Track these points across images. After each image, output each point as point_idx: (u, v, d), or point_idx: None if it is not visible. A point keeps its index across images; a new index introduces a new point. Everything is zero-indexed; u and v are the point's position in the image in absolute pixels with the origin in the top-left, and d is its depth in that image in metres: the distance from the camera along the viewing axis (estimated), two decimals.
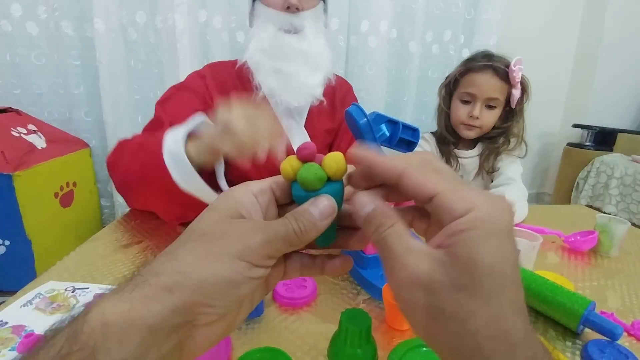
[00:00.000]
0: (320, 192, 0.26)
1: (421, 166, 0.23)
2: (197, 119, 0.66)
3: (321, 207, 0.25)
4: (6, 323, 0.45)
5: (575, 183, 1.98)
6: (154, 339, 0.20)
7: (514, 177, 1.02)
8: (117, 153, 0.75)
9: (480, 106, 1.01)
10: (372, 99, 1.77)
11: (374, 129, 0.44)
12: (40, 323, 0.45)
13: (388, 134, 0.45)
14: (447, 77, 1.10)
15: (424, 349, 0.42)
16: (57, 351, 0.18)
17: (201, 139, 0.63)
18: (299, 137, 0.92)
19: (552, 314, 0.49)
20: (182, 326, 0.22)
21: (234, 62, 0.90)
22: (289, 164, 0.26)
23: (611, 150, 1.96)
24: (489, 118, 1.03)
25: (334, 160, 0.26)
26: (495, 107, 1.02)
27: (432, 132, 1.17)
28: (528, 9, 2.02)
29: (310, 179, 0.25)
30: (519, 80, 0.98)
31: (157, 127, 0.79)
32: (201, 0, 1.58)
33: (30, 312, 0.48)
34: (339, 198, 0.26)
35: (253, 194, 0.26)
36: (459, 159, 1.11)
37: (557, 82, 2.18)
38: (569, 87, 2.22)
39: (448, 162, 1.10)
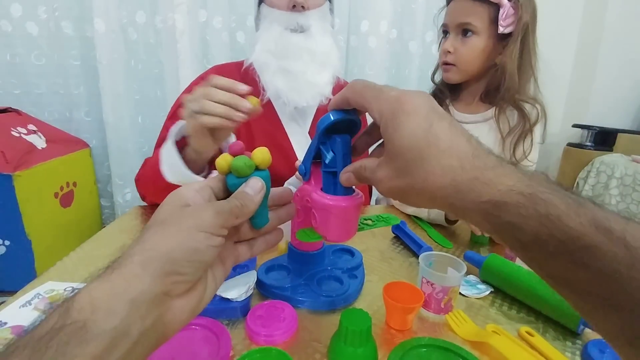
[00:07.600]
0: (250, 177, 0.31)
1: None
2: (178, 125, 0.66)
3: (252, 184, 0.31)
4: (5, 323, 0.45)
5: (576, 183, 1.98)
6: (137, 312, 0.24)
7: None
8: (141, 170, 0.80)
9: (453, 37, 0.82)
10: None
11: (326, 146, 0.35)
12: None
13: (327, 162, 0.35)
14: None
15: (424, 349, 0.42)
16: (51, 326, 0.21)
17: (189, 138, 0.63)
18: (302, 142, 0.89)
19: (552, 314, 0.49)
20: (159, 298, 0.25)
21: (239, 64, 0.88)
22: (223, 160, 0.31)
23: (611, 150, 1.96)
24: (465, 49, 0.81)
25: (260, 152, 0.32)
26: (472, 33, 0.80)
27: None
28: None
29: (241, 165, 0.31)
30: None
31: None
32: (201, 0, 1.57)
33: (30, 312, 0.48)
34: (267, 182, 0.32)
35: (195, 190, 0.30)
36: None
37: (557, 82, 2.18)
38: (569, 87, 2.22)
39: None
